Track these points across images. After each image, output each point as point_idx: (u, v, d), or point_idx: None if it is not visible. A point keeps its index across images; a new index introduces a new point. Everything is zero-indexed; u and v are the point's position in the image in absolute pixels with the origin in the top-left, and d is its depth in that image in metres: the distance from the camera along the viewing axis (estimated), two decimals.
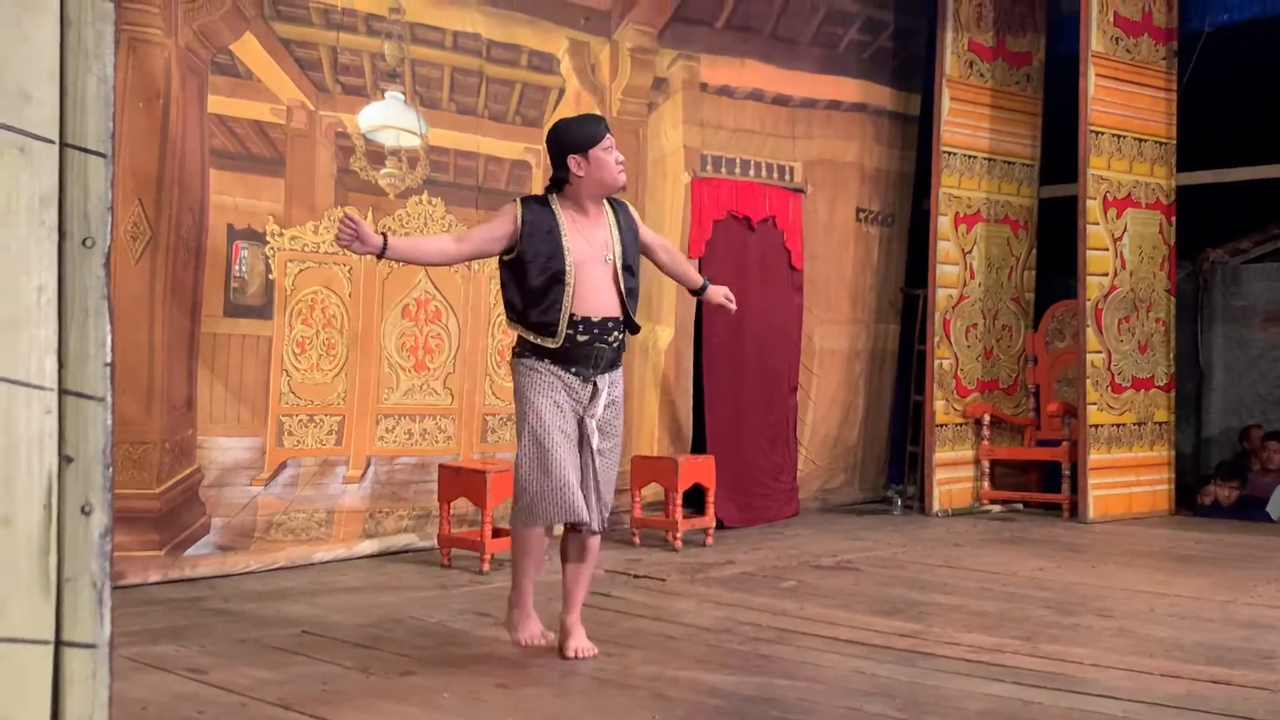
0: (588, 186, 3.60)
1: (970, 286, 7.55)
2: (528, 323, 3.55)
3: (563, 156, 3.59)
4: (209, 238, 5.19)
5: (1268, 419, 7.84)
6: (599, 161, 3.59)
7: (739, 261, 6.97)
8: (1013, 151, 7.70)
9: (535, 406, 3.52)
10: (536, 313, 3.53)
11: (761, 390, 7.05)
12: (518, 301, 3.55)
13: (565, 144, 3.59)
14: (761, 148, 7.17)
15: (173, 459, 5.05)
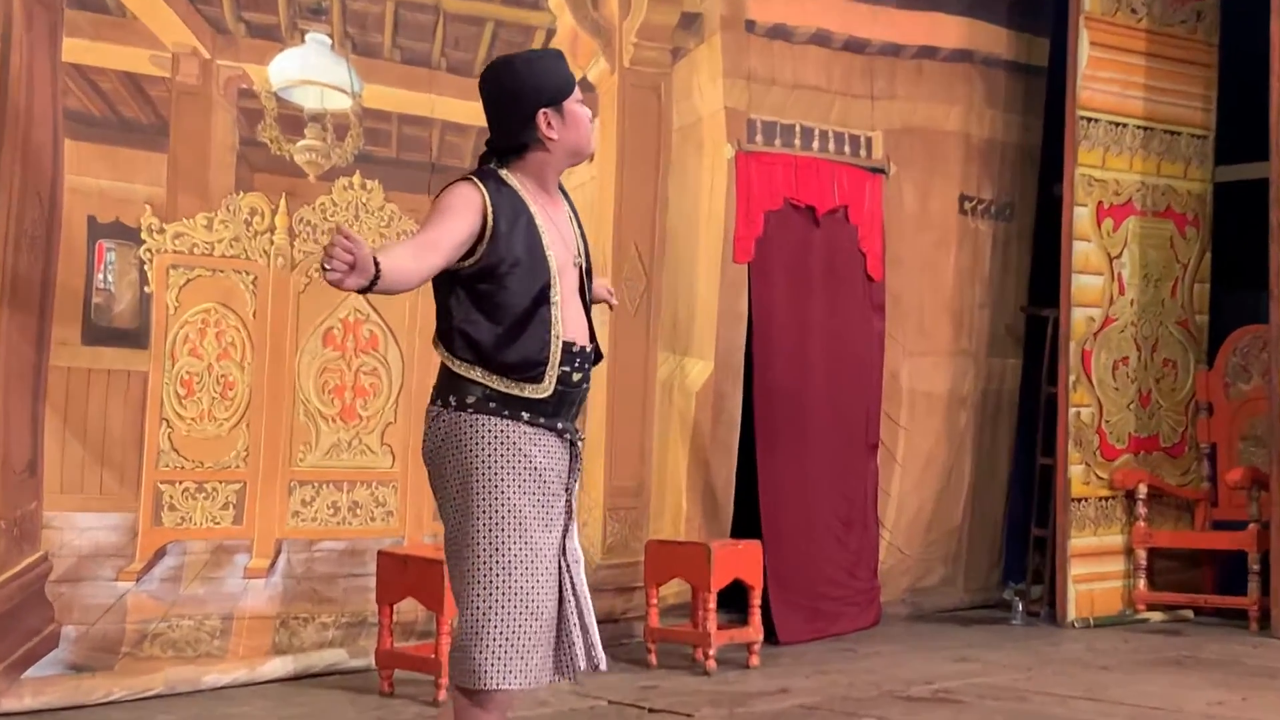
0: (558, 156, 3.46)
1: (1119, 305, 7.55)
2: (498, 364, 3.33)
3: (528, 111, 3.41)
4: (62, 234, 5.20)
5: None
6: (575, 118, 3.46)
7: (799, 268, 7.02)
8: (1178, 118, 7.71)
9: (512, 506, 3.28)
10: (515, 349, 3.35)
11: (831, 449, 7.09)
12: (482, 334, 3.33)
13: (530, 93, 3.41)
14: (829, 111, 7.19)
15: (8, 544, 5.04)
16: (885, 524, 7.41)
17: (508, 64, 3.50)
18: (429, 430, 3.36)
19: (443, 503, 3.37)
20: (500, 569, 3.25)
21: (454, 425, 3.30)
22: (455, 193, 3.34)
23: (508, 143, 3.43)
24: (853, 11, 7.26)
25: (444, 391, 3.34)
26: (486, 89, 3.46)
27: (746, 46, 6.89)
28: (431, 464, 3.37)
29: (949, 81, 7.64)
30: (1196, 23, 7.76)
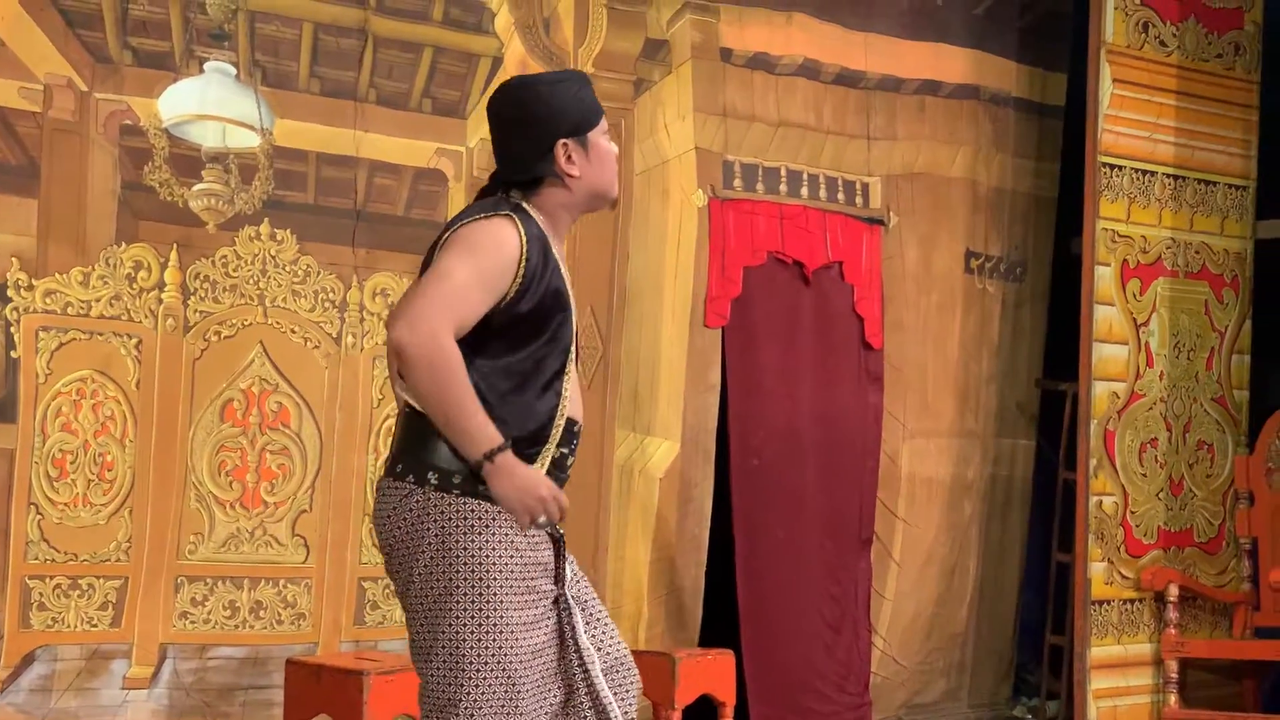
0: (578, 197, 3.43)
1: (1147, 380, 7.43)
2: (508, 427, 3.23)
3: (547, 141, 3.37)
4: None
5: None
6: (601, 154, 3.44)
7: (785, 333, 6.96)
8: (1214, 165, 7.61)
9: (501, 609, 3.22)
10: (519, 417, 3.27)
11: (818, 544, 7.06)
12: (489, 393, 3.23)
13: (549, 119, 3.37)
14: (820, 152, 7.12)
15: None
16: (879, 630, 7.29)
17: (525, 84, 3.47)
18: (394, 510, 3.26)
19: (408, 595, 3.28)
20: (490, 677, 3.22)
21: (432, 508, 3.22)
22: (483, 228, 3.25)
23: (519, 175, 3.37)
24: (845, 40, 7.19)
25: (418, 463, 3.24)
26: (497, 110, 3.42)
27: (722, 78, 6.82)
28: (395, 551, 3.28)
29: (953, 121, 7.57)
30: (1235, 57, 7.67)
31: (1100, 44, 7.25)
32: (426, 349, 3.11)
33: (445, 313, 3.14)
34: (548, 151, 3.36)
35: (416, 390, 3.15)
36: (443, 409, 3.14)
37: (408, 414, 3.29)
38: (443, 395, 3.13)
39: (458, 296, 3.17)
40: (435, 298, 3.15)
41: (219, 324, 5.75)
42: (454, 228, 3.30)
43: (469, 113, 6.22)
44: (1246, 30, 7.68)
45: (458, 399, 3.14)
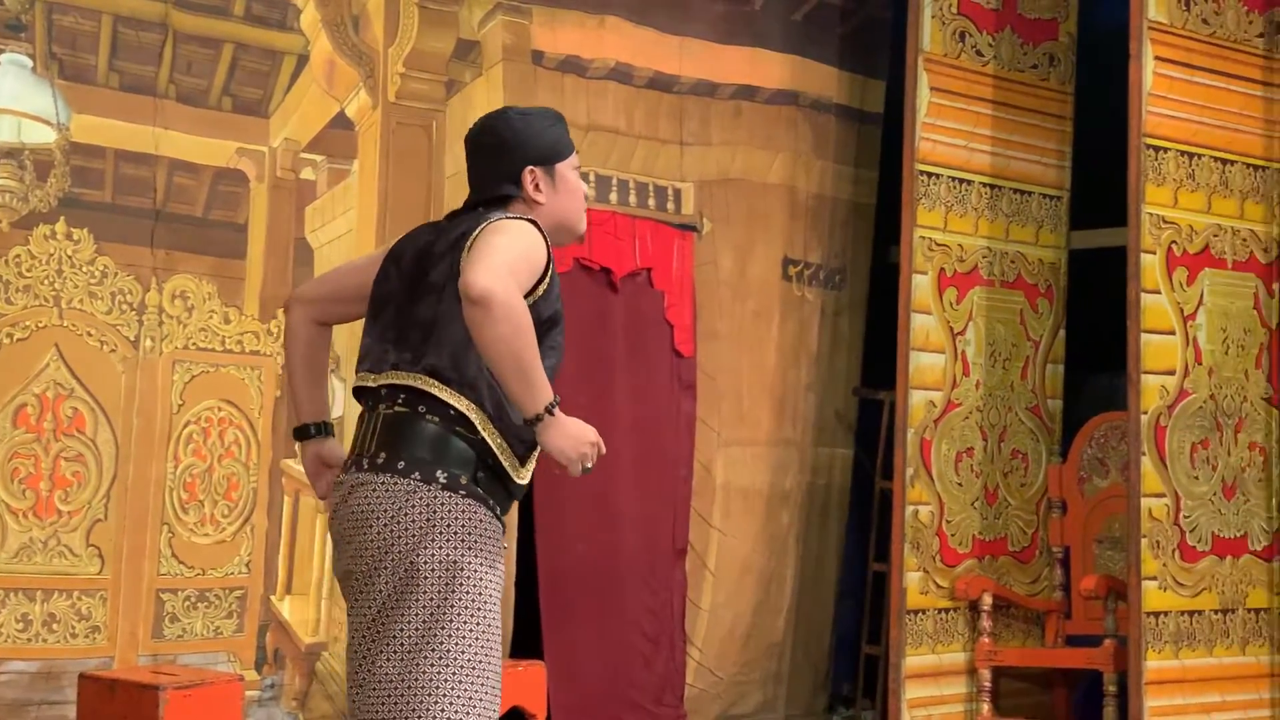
0: (546, 224, 3.59)
1: (963, 389, 7.58)
2: (510, 432, 3.47)
3: (516, 166, 3.63)
4: None
5: None
6: (568, 186, 3.69)
7: (592, 341, 6.98)
8: (1029, 175, 7.80)
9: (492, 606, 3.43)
10: None
11: (631, 555, 7.08)
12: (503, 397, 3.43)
13: (519, 148, 3.64)
14: (630, 158, 7.20)
15: None
16: (695, 641, 7.37)
17: (500, 114, 3.74)
18: (393, 505, 3.38)
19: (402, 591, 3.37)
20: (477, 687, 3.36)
21: (439, 505, 3.38)
22: (533, 240, 3.45)
23: (489, 194, 3.61)
24: (659, 44, 7.29)
25: (425, 462, 3.39)
26: (474, 138, 3.68)
27: (532, 81, 6.88)
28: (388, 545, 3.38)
29: (771, 127, 7.70)
30: (1050, 68, 7.88)
31: (918, 52, 7.38)
32: (512, 300, 3.25)
33: (512, 276, 3.32)
34: (517, 176, 3.61)
35: (496, 340, 3.26)
36: (516, 360, 3.28)
37: (407, 415, 3.44)
38: (521, 347, 3.28)
39: (517, 268, 3.36)
40: (504, 263, 3.32)
41: (12, 325, 5.67)
42: (488, 220, 3.48)
43: (272, 111, 6.22)
44: (1061, 41, 7.87)
45: (532, 352, 3.31)
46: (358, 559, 3.44)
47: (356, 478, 3.47)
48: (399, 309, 3.57)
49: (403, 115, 6.51)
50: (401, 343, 3.53)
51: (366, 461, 3.47)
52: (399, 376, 3.49)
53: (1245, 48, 7.27)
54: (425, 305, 3.52)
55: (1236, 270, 7.30)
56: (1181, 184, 7.10)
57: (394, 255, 3.67)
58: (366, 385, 3.56)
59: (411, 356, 3.49)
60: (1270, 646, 7.29)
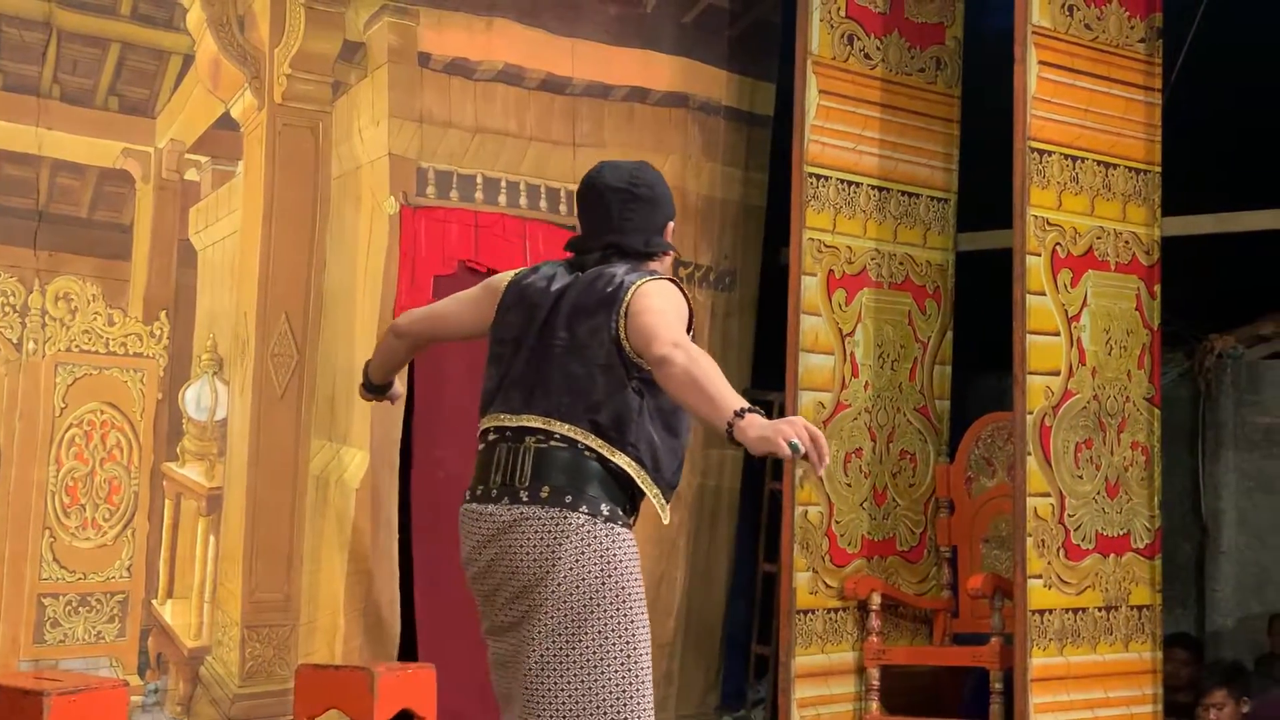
0: (668, 269, 4.14)
1: (852, 390, 7.62)
2: (662, 478, 3.98)
3: (664, 220, 4.12)
4: None
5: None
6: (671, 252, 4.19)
7: (483, 344, 6.83)
8: (916, 177, 7.86)
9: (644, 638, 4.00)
10: (675, 467, 4.01)
11: None
12: (661, 449, 3.94)
13: (667, 203, 4.13)
14: (520, 160, 7.20)
15: None
16: None
17: (649, 168, 4.16)
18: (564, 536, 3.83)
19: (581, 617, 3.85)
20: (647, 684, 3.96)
21: (604, 536, 3.86)
22: (681, 299, 3.92)
23: (645, 246, 4.04)
24: (549, 45, 7.29)
25: (590, 498, 3.85)
26: (630, 186, 4.05)
27: (419, 83, 6.87)
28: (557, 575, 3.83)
29: (661, 130, 7.71)
30: (937, 72, 7.95)
31: (806, 55, 7.41)
32: (686, 358, 3.67)
33: (678, 326, 3.80)
34: (663, 228, 4.10)
35: (683, 393, 3.67)
36: (701, 400, 3.64)
37: (564, 448, 3.87)
38: (702, 390, 3.64)
39: (679, 322, 3.83)
40: (667, 323, 3.78)
41: None
42: (633, 285, 3.89)
43: (158, 112, 6.17)
44: (948, 45, 7.94)
45: (714, 387, 3.64)
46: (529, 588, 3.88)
47: (518, 510, 3.89)
48: (537, 358, 3.96)
49: (289, 117, 6.47)
50: (551, 392, 3.91)
51: (526, 494, 3.88)
52: (554, 424, 3.89)
53: (1127, 53, 7.37)
54: (574, 361, 3.91)
55: (1119, 272, 7.39)
56: (1065, 187, 7.18)
57: (514, 301, 4.07)
58: (509, 425, 3.95)
59: (573, 409, 3.88)
60: (1152, 643, 7.40)
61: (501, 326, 4.07)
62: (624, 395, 3.87)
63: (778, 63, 8.02)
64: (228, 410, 6.29)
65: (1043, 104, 7.07)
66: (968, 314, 8.00)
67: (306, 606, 6.49)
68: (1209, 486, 8.38)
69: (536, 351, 3.96)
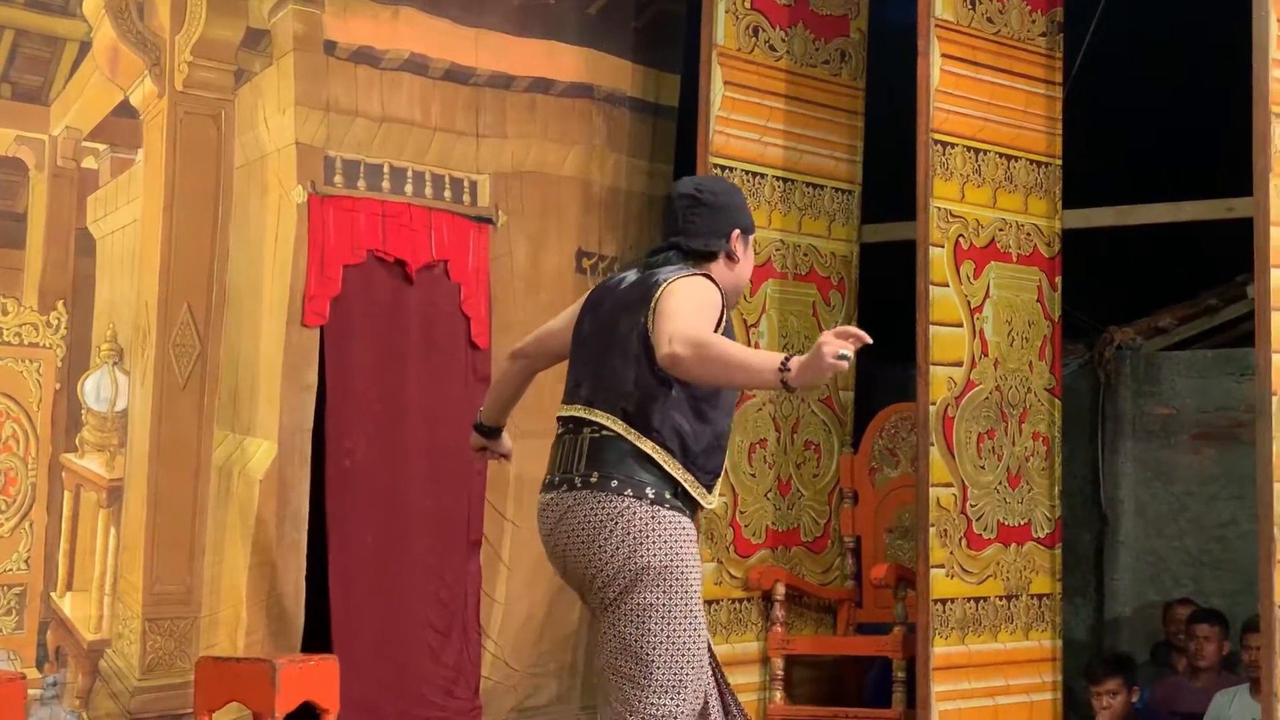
0: (732, 279, 4.39)
1: None
2: (697, 467, 4.24)
3: (729, 226, 4.39)
4: None
5: (1201, 589, 8.20)
6: (750, 257, 4.47)
7: (387, 333, 6.97)
8: (821, 169, 7.92)
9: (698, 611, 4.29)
10: (712, 456, 4.28)
11: (424, 547, 7.06)
12: (691, 433, 4.21)
13: (735, 212, 4.43)
14: (425, 150, 7.18)
15: None
16: (490, 633, 7.36)
17: (721, 179, 5.11)
18: (614, 518, 4.16)
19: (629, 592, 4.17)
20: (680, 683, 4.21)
21: (651, 519, 4.16)
22: (710, 293, 4.20)
23: (702, 245, 4.35)
24: (454, 35, 7.25)
25: (636, 482, 4.17)
26: (696, 190, 4.43)
27: (325, 71, 6.82)
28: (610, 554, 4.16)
29: (566, 120, 7.70)
30: (841, 64, 8.01)
31: (711, 46, 7.45)
32: (689, 350, 3.94)
33: (693, 325, 4.02)
34: (727, 234, 4.36)
35: (705, 379, 4.05)
36: (729, 378, 4.04)
37: (605, 437, 4.22)
38: (723, 368, 3.96)
39: (697, 316, 4.08)
40: (676, 320, 4.04)
41: None
42: (665, 283, 4.20)
43: (52, 99, 6.08)
44: (852, 38, 8.00)
45: (737, 362, 3.96)
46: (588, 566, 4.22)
47: (572, 496, 4.25)
48: (595, 353, 4.34)
49: (190, 104, 6.40)
50: (598, 383, 4.29)
51: (580, 480, 4.24)
52: (595, 414, 4.26)
53: (1029, 46, 7.45)
54: (616, 353, 4.26)
55: (1021, 264, 7.48)
56: (968, 179, 7.26)
57: (591, 303, 4.47)
58: (570, 415, 4.38)
59: (609, 398, 4.24)
60: (1052, 631, 7.51)
61: (577, 328, 4.48)
62: (652, 385, 4.17)
63: (683, 54, 8.04)
64: (128, 401, 6.22)
65: (946, 97, 7.14)
66: (872, 305, 8.07)
67: (208, 599, 6.44)
68: (1108, 476, 8.50)
69: (594, 348, 4.36)
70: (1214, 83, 7.88)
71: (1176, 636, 7.91)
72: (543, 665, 7.62)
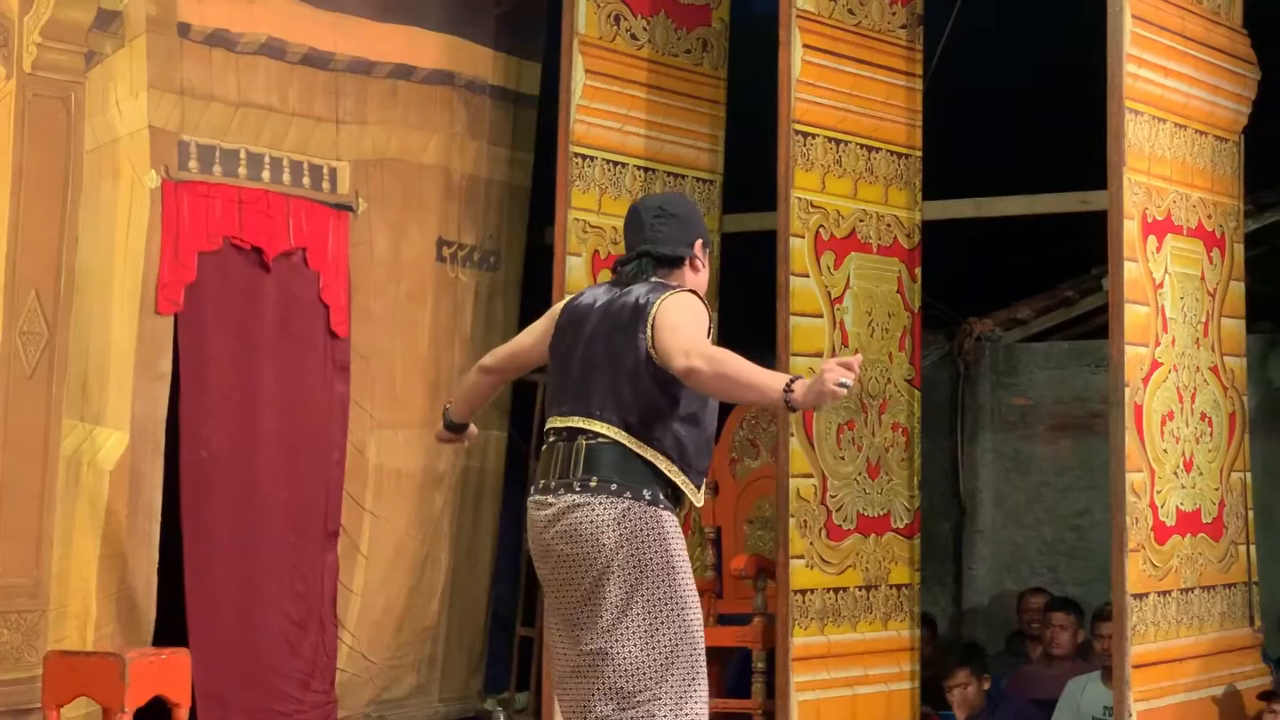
0: (695, 285, 4.75)
1: None
2: (692, 470, 4.59)
3: (692, 236, 4.77)
4: None
5: (1057, 578, 8.35)
6: (709, 266, 4.84)
7: (243, 321, 6.96)
8: (682, 159, 7.93)
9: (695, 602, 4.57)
10: (702, 458, 4.64)
11: (281, 538, 7.07)
12: (688, 437, 4.57)
13: (697, 223, 4.84)
14: (283, 135, 7.15)
15: None
16: (347, 626, 7.36)
17: (685, 197, 5.63)
18: (615, 519, 4.46)
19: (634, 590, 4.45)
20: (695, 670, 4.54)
21: (651, 518, 4.47)
22: (700, 307, 4.58)
23: (669, 251, 4.70)
24: (312, 19, 7.22)
25: (634, 483, 4.48)
26: (661, 205, 4.81)
27: (179, 54, 6.76)
28: (613, 552, 4.45)
29: (427, 107, 7.69)
30: (703, 53, 8.01)
31: (573, 34, 7.40)
32: (708, 363, 4.32)
33: (701, 340, 4.42)
34: (691, 243, 4.74)
35: (717, 392, 4.48)
36: (738, 391, 4.43)
37: (604, 444, 4.50)
38: (734, 383, 4.34)
39: (699, 330, 4.47)
40: (685, 335, 4.41)
41: None
42: (657, 302, 4.51)
43: None
44: (714, 27, 7.99)
45: (746, 376, 4.32)
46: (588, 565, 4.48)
47: (570, 498, 4.50)
48: (586, 368, 4.59)
49: (39, 87, 6.30)
50: (595, 396, 4.55)
51: (579, 485, 4.50)
52: (594, 424, 4.52)
53: (889, 38, 7.51)
54: (613, 368, 4.54)
55: (881, 255, 7.54)
56: (829, 170, 7.31)
57: (570, 321, 4.71)
58: (564, 425, 4.60)
59: (609, 409, 4.52)
60: (910, 621, 7.58)
61: (556, 343, 4.74)
62: (652, 397, 4.50)
63: (544, 42, 8.07)
64: None
65: (807, 87, 7.18)
66: (732, 296, 8.07)
67: (57, 591, 6.38)
68: (967, 467, 8.63)
69: (582, 362, 4.61)
70: (1071, 77, 7.99)
71: (1031, 625, 8.05)
72: (401, 657, 7.63)
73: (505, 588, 8.10)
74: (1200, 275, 6.91)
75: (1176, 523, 6.62)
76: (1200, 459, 6.82)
